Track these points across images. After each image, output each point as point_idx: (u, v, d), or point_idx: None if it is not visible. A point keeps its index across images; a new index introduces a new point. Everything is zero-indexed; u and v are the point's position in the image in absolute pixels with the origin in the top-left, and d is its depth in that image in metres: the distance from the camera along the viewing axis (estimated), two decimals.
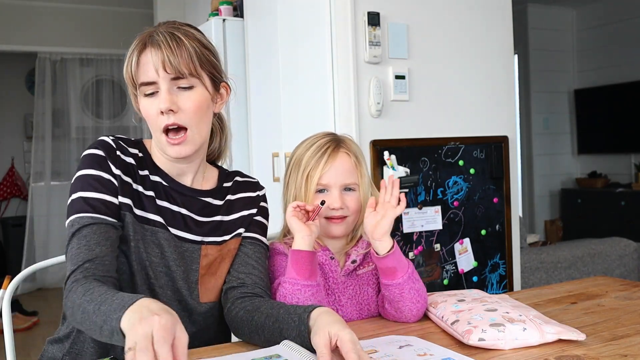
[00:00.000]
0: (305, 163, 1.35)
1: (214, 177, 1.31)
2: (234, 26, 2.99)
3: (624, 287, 1.53)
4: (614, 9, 5.52)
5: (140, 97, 1.16)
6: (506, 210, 2.48)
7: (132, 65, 1.14)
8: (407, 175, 2.21)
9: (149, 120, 1.17)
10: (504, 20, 2.51)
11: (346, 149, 1.37)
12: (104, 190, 1.12)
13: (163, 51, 1.12)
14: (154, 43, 1.12)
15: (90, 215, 1.09)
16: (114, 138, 1.19)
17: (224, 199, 1.28)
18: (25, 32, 5.38)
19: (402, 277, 1.27)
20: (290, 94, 2.54)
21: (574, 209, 5.65)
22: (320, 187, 1.33)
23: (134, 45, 1.15)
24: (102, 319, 0.93)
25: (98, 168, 1.14)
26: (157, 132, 1.16)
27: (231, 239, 1.26)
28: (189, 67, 1.13)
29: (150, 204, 1.18)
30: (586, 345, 1.09)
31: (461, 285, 2.37)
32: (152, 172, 1.21)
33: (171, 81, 1.13)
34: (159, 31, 1.14)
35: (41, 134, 5.69)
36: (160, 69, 1.11)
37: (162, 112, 1.13)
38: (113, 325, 0.90)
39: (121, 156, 1.17)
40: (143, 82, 1.14)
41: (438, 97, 2.36)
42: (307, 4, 2.36)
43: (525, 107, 5.77)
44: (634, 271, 3.37)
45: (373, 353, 1.05)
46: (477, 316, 1.16)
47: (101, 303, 0.95)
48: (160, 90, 1.13)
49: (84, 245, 1.07)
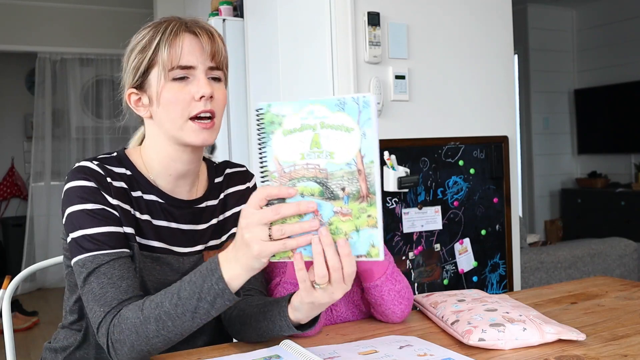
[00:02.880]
0: None
1: (204, 173, 1.28)
2: (234, 26, 2.99)
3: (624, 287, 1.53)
4: (614, 9, 5.52)
5: (166, 81, 1.09)
6: (506, 210, 2.48)
7: (168, 46, 1.08)
8: (407, 175, 2.21)
9: (175, 106, 1.09)
10: (504, 20, 2.51)
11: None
12: (109, 223, 1.06)
13: (215, 39, 1.12)
14: (197, 34, 1.11)
15: (105, 252, 1.04)
16: (98, 162, 1.11)
17: (219, 196, 1.26)
18: (25, 32, 5.38)
19: (379, 279, 1.24)
20: (291, 94, 2.54)
21: (574, 209, 5.65)
22: None
23: (166, 30, 1.09)
24: (194, 301, 0.93)
25: (93, 201, 1.06)
26: (182, 119, 1.10)
27: (228, 239, 1.25)
28: (226, 61, 1.15)
29: (148, 229, 1.13)
30: (586, 345, 1.09)
31: (461, 285, 2.37)
32: (146, 191, 1.15)
33: (207, 70, 1.11)
34: (197, 22, 1.13)
35: (41, 134, 5.70)
36: (208, 56, 1.10)
37: (200, 98, 1.09)
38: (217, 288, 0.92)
39: (113, 183, 1.10)
40: (183, 65, 1.09)
41: (438, 97, 2.36)
42: (307, 4, 2.36)
43: (525, 107, 5.77)
44: (634, 271, 3.37)
45: (373, 353, 1.05)
46: (477, 316, 1.16)
47: (175, 295, 0.95)
48: (199, 76, 1.10)
49: (108, 284, 1.01)
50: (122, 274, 1.04)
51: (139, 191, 1.15)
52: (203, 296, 0.94)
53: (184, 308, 0.95)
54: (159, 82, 1.10)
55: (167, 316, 0.95)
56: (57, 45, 5.56)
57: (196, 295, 0.94)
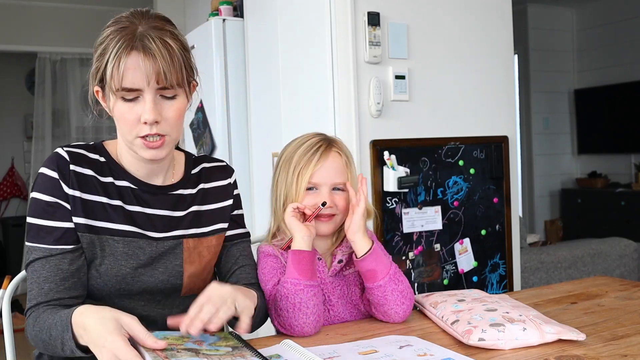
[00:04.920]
0: (296, 161, 1.33)
1: (181, 163, 1.28)
2: (234, 26, 2.99)
3: (624, 287, 1.53)
4: (614, 9, 5.52)
5: (116, 100, 1.09)
6: (506, 210, 2.48)
7: (113, 66, 1.05)
8: (407, 175, 2.21)
9: (124, 124, 1.10)
10: (504, 20, 2.51)
11: (338, 148, 1.36)
12: (56, 217, 1.11)
13: (158, 62, 1.05)
14: (146, 49, 1.05)
15: (42, 246, 1.11)
16: (69, 150, 1.15)
17: (196, 187, 1.27)
18: (25, 32, 5.38)
19: (383, 279, 1.26)
20: (290, 94, 2.54)
21: (574, 209, 5.65)
22: (311, 185, 1.33)
23: (116, 45, 1.05)
24: (59, 344, 1.01)
25: (50, 193, 1.11)
26: (131, 136, 1.11)
27: (212, 234, 1.26)
28: (178, 78, 1.09)
29: (118, 214, 1.15)
30: (586, 345, 1.09)
31: (461, 285, 2.37)
32: (118, 177, 1.18)
33: (157, 90, 1.08)
34: (147, 35, 1.06)
35: (41, 134, 5.69)
36: (153, 80, 1.06)
37: (145, 122, 1.08)
38: (71, 346, 0.99)
39: (76, 169, 1.13)
40: (127, 88, 1.06)
41: (438, 97, 2.36)
42: (307, 4, 2.36)
43: (525, 107, 5.77)
44: (634, 271, 3.37)
45: (373, 353, 1.05)
46: (477, 316, 1.16)
47: (48, 331, 1.03)
48: (146, 100, 1.07)
49: (35, 282, 1.10)
50: (49, 275, 1.10)
51: (110, 177, 1.17)
52: (64, 343, 1.01)
53: (55, 343, 1.03)
54: (110, 97, 1.10)
55: (47, 343, 1.05)
56: (57, 45, 5.55)
57: (59, 339, 1.01)
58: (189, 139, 3.40)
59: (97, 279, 1.13)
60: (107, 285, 1.14)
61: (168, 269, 1.18)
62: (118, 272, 1.14)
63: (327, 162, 1.33)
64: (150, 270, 1.16)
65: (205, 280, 1.25)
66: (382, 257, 1.29)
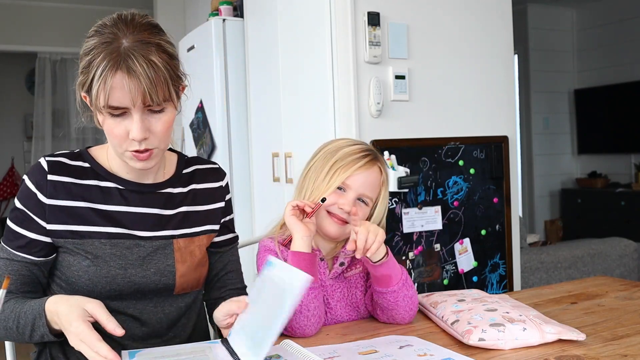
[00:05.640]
0: (339, 157, 1.34)
1: (173, 162, 1.29)
2: (234, 26, 3.00)
3: (624, 287, 1.53)
4: (614, 9, 5.52)
5: (104, 115, 1.08)
6: (506, 210, 2.48)
7: (99, 86, 1.04)
8: (407, 175, 2.21)
9: (113, 138, 1.10)
10: (504, 20, 2.51)
11: (381, 165, 1.38)
12: (24, 225, 1.14)
13: (142, 83, 1.03)
14: (130, 71, 1.03)
15: (7, 249, 1.15)
16: (49, 160, 1.16)
17: (186, 187, 1.27)
18: (25, 32, 5.38)
19: (397, 285, 1.27)
20: (290, 94, 2.54)
21: (574, 209, 5.65)
22: (342, 186, 1.32)
23: (101, 63, 1.04)
24: (29, 330, 1.08)
25: (23, 203, 1.15)
26: (120, 149, 1.11)
27: (203, 234, 1.26)
28: (165, 94, 1.07)
29: (102, 217, 1.16)
30: (586, 345, 1.09)
31: (461, 285, 2.37)
32: (103, 179, 1.19)
33: (144, 108, 1.07)
34: (131, 54, 1.04)
35: (41, 134, 5.70)
36: (139, 101, 1.04)
37: (133, 139, 1.08)
38: (43, 332, 1.07)
39: (54, 178, 1.15)
40: (114, 106, 1.06)
41: (438, 97, 2.36)
42: (307, 3, 2.36)
43: (525, 107, 5.77)
44: (634, 271, 3.37)
45: (373, 353, 1.05)
46: (477, 316, 1.16)
47: (16, 320, 1.09)
48: (133, 118, 1.06)
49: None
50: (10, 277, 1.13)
51: (94, 180, 1.18)
52: (35, 330, 1.08)
53: (23, 331, 1.09)
54: (98, 111, 1.09)
55: (12, 331, 1.11)
56: (57, 45, 5.56)
57: (29, 326, 1.08)
58: (189, 139, 3.40)
59: (86, 281, 1.14)
60: (97, 287, 1.14)
61: (160, 269, 1.18)
62: (107, 274, 1.14)
63: (367, 172, 1.33)
64: (142, 270, 1.17)
65: (198, 278, 1.25)
66: (396, 264, 1.30)
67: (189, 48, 3.31)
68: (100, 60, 1.05)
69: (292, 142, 2.54)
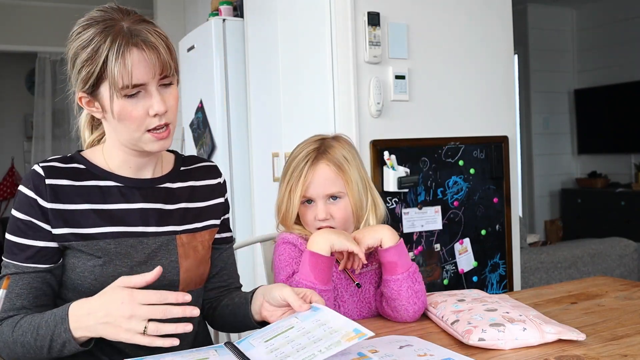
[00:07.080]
0: (289, 177, 1.36)
1: (170, 160, 1.30)
2: (234, 26, 2.99)
3: (624, 287, 1.53)
4: (614, 9, 5.52)
5: (118, 98, 1.07)
6: (506, 210, 2.48)
7: (119, 66, 1.04)
8: (407, 175, 2.21)
9: (130, 122, 1.10)
10: (504, 20, 2.51)
11: (326, 159, 1.34)
12: (30, 235, 1.12)
13: (161, 51, 1.07)
14: (147, 43, 1.06)
15: (15, 263, 1.12)
16: (44, 165, 1.15)
17: (185, 183, 1.27)
18: (25, 32, 5.38)
19: (402, 274, 1.28)
20: (290, 93, 2.54)
21: (574, 209, 5.65)
22: (305, 199, 1.35)
23: (112, 44, 1.05)
24: (48, 341, 1.04)
25: (24, 211, 1.12)
26: (138, 132, 1.11)
27: (205, 229, 1.27)
28: (175, 63, 1.12)
29: (104, 217, 1.15)
30: (586, 345, 1.09)
31: (461, 285, 2.37)
32: (101, 179, 1.18)
33: (158, 81, 1.10)
34: (138, 29, 1.07)
35: (41, 134, 5.70)
36: (158, 72, 1.07)
37: (155, 115, 1.09)
38: (65, 337, 1.02)
39: (52, 182, 1.13)
40: (135, 84, 1.06)
41: (438, 97, 2.36)
42: (307, 3, 2.36)
43: (525, 107, 5.77)
44: (634, 271, 3.37)
45: (373, 353, 1.05)
46: (477, 316, 1.16)
47: (36, 330, 1.05)
48: (152, 92, 1.09)
49: (7, 297, 1.11)
50: (21, 292, 1.11)
51: (93, 181, 1.17)
52: (55, 339, 1.04)
53: (42, 343, 1.05)
54: (111, 97, 1.08)
55: (29, 346, 1.06)
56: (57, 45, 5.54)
57: (49, 336, 1.04)
58: (189, 139, 3.40)
59: (92, 281, 1.13)
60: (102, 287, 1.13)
61: (164, 265, 1.18)
62: (114, 273, 1.14)
63: (315, 176, 1.33)
64: (147, 268, 1.16)
65: (201, 274, 1.26)
66: (407, 256, 1.31)
67: (189, 48, 3.31)
68: (110, 43, 1.06)
69: (292, 142, 2.52)
